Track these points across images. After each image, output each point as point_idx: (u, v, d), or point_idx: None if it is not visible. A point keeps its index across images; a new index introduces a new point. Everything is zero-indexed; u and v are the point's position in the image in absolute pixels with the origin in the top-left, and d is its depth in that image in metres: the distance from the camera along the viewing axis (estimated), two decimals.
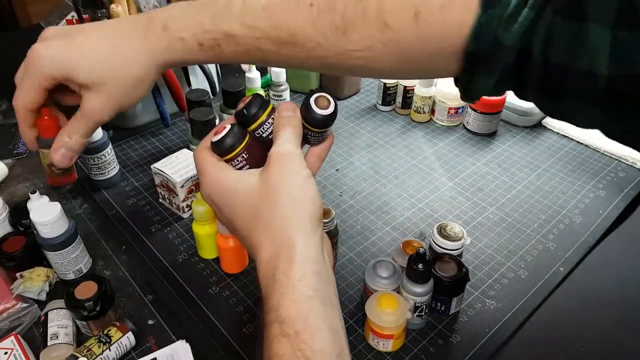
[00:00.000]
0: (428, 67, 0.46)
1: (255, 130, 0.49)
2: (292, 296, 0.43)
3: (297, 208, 0.45)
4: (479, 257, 0.67)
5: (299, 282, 0.44)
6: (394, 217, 0.73)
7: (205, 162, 0.48)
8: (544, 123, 0.91)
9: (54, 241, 0.59)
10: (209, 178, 0.47)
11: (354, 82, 0.99)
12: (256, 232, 0.46)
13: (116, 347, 0.54)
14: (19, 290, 0.59)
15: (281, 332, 0.42)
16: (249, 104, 0.49)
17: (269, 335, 0.42)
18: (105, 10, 0.78)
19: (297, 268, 0.44)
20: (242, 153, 0.48)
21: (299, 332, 0.42)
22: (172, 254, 0.67)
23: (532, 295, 0.62)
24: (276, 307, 0.43)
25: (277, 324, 0.42)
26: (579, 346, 0.57)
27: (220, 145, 0.47)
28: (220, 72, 0.99)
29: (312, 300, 0.43)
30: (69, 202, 0.76)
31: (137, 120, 0.89)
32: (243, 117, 0.48)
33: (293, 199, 0.45)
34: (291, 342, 0.41)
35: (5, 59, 1.10)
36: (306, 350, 0.41)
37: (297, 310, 0.42)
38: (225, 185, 0.47)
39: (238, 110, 0.48)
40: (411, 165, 0.82)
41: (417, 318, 0.57)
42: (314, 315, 0.43)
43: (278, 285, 0.43)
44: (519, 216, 0.73)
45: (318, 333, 0.42)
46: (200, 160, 0.48)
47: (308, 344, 0.41)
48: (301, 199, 0.46)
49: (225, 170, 0.47)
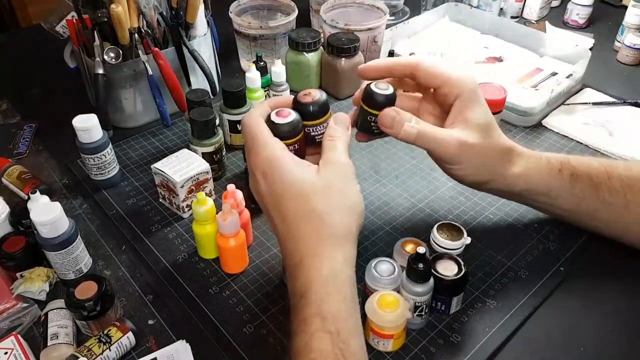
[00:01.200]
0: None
1: (310, 127, 0.52)
2: (337, 296, 0.45)
3: (351, 216, 0.48)
4: (479, 256, 0.67)
5: (342, 284, 0.46)
6: (394, 217, 0.73)
7: (265, 134, 0.49)
8: (544, 123, 0.91)
9: (54, 241, 0.58)
10: (268, 149, 0.48)
11: (353, 82, 0.99)
12: (307, 221, 0.47)
13: (116, 347, 0.54)
14: (19, 290, 0.59)
15: (323, 328, 0.43)
16: (319, 104, 0.51)
17: (307, 328, 0.44)
18: (105, 10, 0.78)
19: (345, 269, 0.46)
20: (296, 143, 0.51)
21: (340, 332, 0.43)
22: (172, 254, 0.67)
23: (533, 295, 0.62)
24: (318, 302, 0.44)
25: (319, 319, 0.43)
26: (579, 346, 0.57)
27: (282, 129, 0.49)
28: (220, 72, 0.99)
29: (352, 305, 0.46)
30: (69, 202, 0.76)
31: (137, 120, 0.89)
32: (307, 111, 0.51)
33: (352, 208, 0.49)
34: (333, 339, 0.43)
35: (5, 58, 1.11)
36: (345, 350, 0.42)
37: (339, 310, 0.44)
38: (282, 162, 0.48)
39: (304, 103, 0.51)
40: (411, 165, 0.82)
41: (417, 318, 0.57)
42: (353, 319, 0.45)
43: (323, 281, 0.45)
44: (519, 216, 0.73)
45: (354, 337, 0.45)
46: (260, 128, 0.50)
47: (347, 344, 0.43)
48: (356, 210, 0.49)
49: (284, 150, 0.49)
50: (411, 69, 0.55)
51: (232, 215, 0.60)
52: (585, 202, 0.62)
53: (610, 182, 0.61)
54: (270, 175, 0.48)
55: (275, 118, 0.50)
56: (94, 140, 0.72)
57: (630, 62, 1.08)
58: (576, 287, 0.64)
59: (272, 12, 1.05)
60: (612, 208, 0.61)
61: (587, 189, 0.61)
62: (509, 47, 1.07)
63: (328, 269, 0.45)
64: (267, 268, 0.65)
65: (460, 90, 0.55)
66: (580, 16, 1.20)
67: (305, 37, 0.91)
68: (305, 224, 0.47)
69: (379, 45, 1.00)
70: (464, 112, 0.55)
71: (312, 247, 0.46)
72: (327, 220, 0.47)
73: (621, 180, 0.61)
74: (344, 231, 0.47)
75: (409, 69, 0.55)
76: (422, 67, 0.55)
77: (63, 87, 0.98)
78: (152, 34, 0.84)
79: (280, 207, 0.48)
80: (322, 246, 0.46)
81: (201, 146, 0.74)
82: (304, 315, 0.44)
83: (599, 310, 0.61)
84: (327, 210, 0.47)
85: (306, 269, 0.46)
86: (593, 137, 0.87)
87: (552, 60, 1.03)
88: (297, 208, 0.47)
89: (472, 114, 0.55)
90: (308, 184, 0.47)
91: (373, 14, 1.02)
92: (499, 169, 0.60)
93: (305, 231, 0.47)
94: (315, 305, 0.44)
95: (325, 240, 0.46)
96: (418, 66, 0.55)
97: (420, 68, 0.55)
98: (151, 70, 0.83)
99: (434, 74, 0.55)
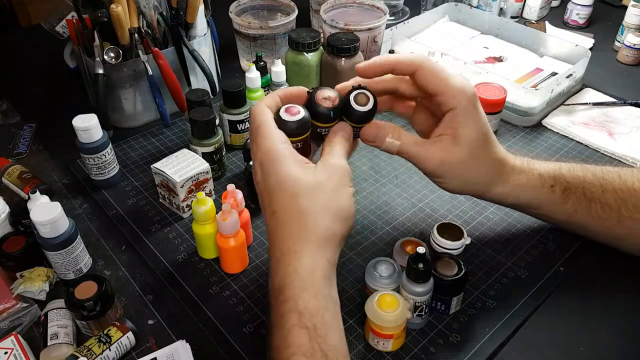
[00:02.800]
0: None
1: (320, 128, 0.52)
2: (313, 292, 0.45)
3: (337, 221, 0.48)
4: (479, 256, 0.67)
5: (319, 281, 0.46)
6: (394, 217, 0.73)
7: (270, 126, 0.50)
8: (544, 123, 0.91)
9: (54, 241, 0.59)
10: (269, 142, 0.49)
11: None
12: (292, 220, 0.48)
13: (116, 347, 0.54)
14: (19, 290, 0.59)
15: (300, 323, 0.44)
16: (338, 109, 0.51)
17: (285, 323, 0.44)
18: (105, 10, 0.78)
19: (322, 268, 0.47)
20: (300, 142, 0.51)
21: (317, 326, 0.44)
22: (172, 254, 0.67)
23: (532, 295, 0.62)
24: (295, 298, 0.45)
25: (296, 314, 0.44)
26: (578, 346, 0.57)
27: (290, 126, 0.49)
28: (220, 72, 0.99)
29: (329, 300, 0.46)
30: (69, 202, 0.76)
31: (137, 120, 0.89)
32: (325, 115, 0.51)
33: (339, 212, 0.49)
34: (310, 334, 0.43)
35: (5, 58, 1.11)
36: (322, 344, 0.43)
37: (316, 306, 0.45)
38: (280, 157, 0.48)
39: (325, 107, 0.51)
40: (411, 165, 0.82)
41: (417, 318, 0.57)
42: (330, 314, 0.46)
43: (299, 278, 0.46)
44: (519, 216, 0.72)
45: (332, 331, 0.45)
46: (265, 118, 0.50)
47: (324, 338, 0.44)
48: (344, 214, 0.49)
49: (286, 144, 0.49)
50: (413, 70, 0.53)
51: (232, 215, 0.60)
52: (577, 215, 0.61)
53: (604, 197, 0.60)
54: (267, 168, 0.49)
55: (284, 115, 0.50)
56: (94, 140, 0.72)
57: (630, 62, 1.08)
58: (576, 288, 0.63)
59: (272, 12, 1.05)
60: (604, 222, 0.61)
61: (580, 203, 0.60)
62: (509, 47, 1.07)
63: (305, 267, 0.46)
64: (267, 268, 0.65)
65: (455, 103, 0.53)
66: (580, 16, 1.20)
67: (305, 37, 0.91)
68: (290, 222, 0.48)
69: (379, 45, 1.00)
70: (455, 127, 0.54)
71: (292, 245, 0.47)
72: (312, 222, 0.47)
73: (615, 194, 0.60)
74: (327, 234, 0.47)
75: (411, 69, 0.53)
76: (424, 71, 0.53)
77: (63, 87, 0.98)
78: (152, 33, 0.84)
79: (271, 201, 0.49)
80: (301, 245, 0.47)
81: (201, 146, 0.74)
82: (281, 311, 0.45)
83: (598, 310, 0.61)
84: (314, 212, 0.47)
85: (284, 265, 0.47)
86: (593, 137, 0.86)
87: (552, 60, 1.03)
88: (285, 204, 0.48)
89: (463, 130, 0.53)
90: (301, 182, 0.48)
91: (373, 13, 1.02)
92: (485, 186, 0.59)
93: (288, 229, 0.48)
94: (292, 301, 0.45)
95: (306, 240, 0.47)
96: (420, 69, 0.53)
97: (421, 71, 0.53)
98: (151, 70, 0.83)
99: (433, 81, 0.53)
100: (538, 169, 0.60)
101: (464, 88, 0.53)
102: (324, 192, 0.48)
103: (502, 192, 0.59)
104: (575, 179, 0.60)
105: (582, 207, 0.60)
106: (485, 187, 0.59)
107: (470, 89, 0.53)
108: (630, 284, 0.64)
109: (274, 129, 0.49)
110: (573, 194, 0.60)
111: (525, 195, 0.60)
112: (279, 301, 0.46)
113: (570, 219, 0.62)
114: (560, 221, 0.64)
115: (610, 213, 0.60)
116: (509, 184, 0.59)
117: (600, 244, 0.65)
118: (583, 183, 0.60)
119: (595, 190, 0.60)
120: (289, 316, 0.44)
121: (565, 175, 0.61)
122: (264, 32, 0.97)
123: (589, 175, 0.61)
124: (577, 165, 0.62)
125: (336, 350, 0.44)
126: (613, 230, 0.61)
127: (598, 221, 0.61)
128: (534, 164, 0.61)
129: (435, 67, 0.53)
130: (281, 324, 0.44)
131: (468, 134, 0.54)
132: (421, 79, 0.53)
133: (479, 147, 0.55)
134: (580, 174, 0.61)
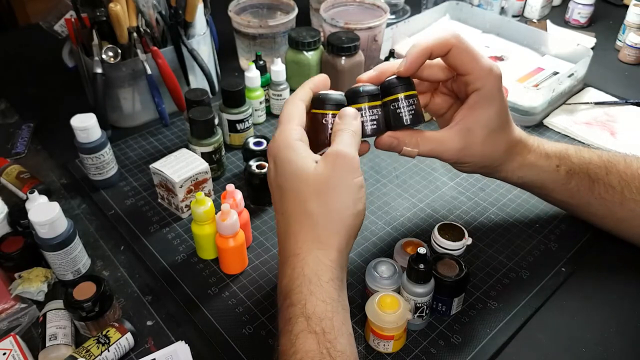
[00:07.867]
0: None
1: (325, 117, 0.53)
2: (321, 296, 0.44)
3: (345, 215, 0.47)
4: (480, 257, 0.66)
5: (327, 284, 0.45)
6: (395, 217, 0.72)
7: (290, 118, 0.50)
8: (546, 122, 0.90)
9: (52, 241, 0.58)
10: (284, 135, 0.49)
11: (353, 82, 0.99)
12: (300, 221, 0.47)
13: (115, 348, 0.54)
14: (17, 290, 0.59)
15: (308, 328, 0.43)
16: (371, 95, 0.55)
17: (292, 327, 0.43)
18: (104, 9, 0.78)
19: (328, 270, 0.46)
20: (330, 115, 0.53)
21: (326, 331, 0.43)
22: (171, 254, 0.67)
23: (534, 296, 0.61)
24: (302, 302, 0.44)
25: (303, 318, 0.43)
26: (580, 347, 0.57)
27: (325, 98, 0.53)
28: (219, 72, 0.99)
29: (337, 304, 0.45)
30: (68, 202, 0.75)
31: (136, 119, 0.88)
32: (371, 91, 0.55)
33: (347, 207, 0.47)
34: (318, 339, 0.42)
35: (3, 58, 1.10)
36: (331, 350, 0.42)
37: (324, 310, 0.44)
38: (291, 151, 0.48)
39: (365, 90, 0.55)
40: (412, 165, 0.82)
41: (417, 319, 0.57)
42: (339, 318, 0.45)
43: (307, 281, 0.45)
44: (521, 216, 0.72)
45: (341, 336, 0.44)
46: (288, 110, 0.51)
47: (333, 343, 0.43)
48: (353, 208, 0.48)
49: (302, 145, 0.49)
50: (447, 50, 0.52)
51: (231, 216, 0.60)
52: (580, 195, 0.62)
53: (607, 178, 0.60)
54: (279, 164, 0.49)
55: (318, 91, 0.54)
56: (93, 140, 0.71)
57: (632, 61, 1.08)
58: (577, 288, 0.63)
59: (272, 10, 1.05)
60: (606, 203, 0.61)
61: (583, 184, 0.61)
62: (510, 46, 1.07)
63: (311, 269, 0.45)
64: (266, 269, 0.65)
65: (482, 84, 0.53)
66: (582, 15, 1.20)
67: (305, 36, 0.90)
68: (298, 224, 0.47)
69: (380, 44, 1.00)
70: (477, 110, 0.54)
71: (299, 247, 0.46)
72: (321, 223, 0.46)
73: (620, 176, 0.60)
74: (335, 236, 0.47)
75: (445, 49, 0.52)
76: (458, 50, 0.52)
77: (61, 87, 0.98)
78: (151, 33, 0.84)
79: (282, 200, 0.48)
80: (307, 247, 0.46)
81: (200, 146, 0.74)
82: (289, 315, 0.44)
83: (600, 311, 0.61)
84: (321, 213, 0.46)
85: (290, 267, 0.46)
86: (594, 137, 0.86)
87: (554, 60, 1.02)
88: (293, 205, 0.48)
89: (485, 114, 0.54)
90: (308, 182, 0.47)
91: (373, 12, 1.02)
92: (498, 165, 0.60)
93: (296, 231, 0.47)
94: (300, 305, 0.44)
95: (311, 243, 0.46)
96: (454, 47, 0.52)
97: (455, 50, 0.52)
98: (150, 69, 0.83)
99: (466, 60, 0.52)
100: (546, 149, 0.61)
101: (492, 69, 0.54)
102: (331, 192, 0.47)
103: (511, 170, 0.60)
104: (580, 160, 0.61)
105: (585, 187, 0.61)
106: (498, 166, 0.60)
107: (497, 71, 0.54)
108: (633, 285, 0.64)
109: (293, 122, 0.49)
110: (577, 174, 0.61)
111: (530, 174, 0.61)
112: (286, 304, 0.45)
113: (573, 199, 0.62)
114: (562, 201, 0.64)
115: (613, 195, 0.60)
116: (518, 163, 0.60)
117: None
118: (588, 165, 0.61)
119: (600, 171, 0.61)
120: (296, 320, 0.43)
121: (572, 156, 0.61)
122: (264, 31, 0.97)
123: (595, 158, 0.62)
124: (584, 148, 0.63)
125: (345, 357, 0.43)
126: (615, 212, 0.61)
127: (600, 202, 0.61)
128: (543, 144, 0.62)
129: (468, 46, 0.53)
130: (288, 328, 0.44)
131: (490, 116, 0.55)
132: (454, 58, 0.53)
133: (499, 127, 0.56)
134: (587, 156, 0.62)
